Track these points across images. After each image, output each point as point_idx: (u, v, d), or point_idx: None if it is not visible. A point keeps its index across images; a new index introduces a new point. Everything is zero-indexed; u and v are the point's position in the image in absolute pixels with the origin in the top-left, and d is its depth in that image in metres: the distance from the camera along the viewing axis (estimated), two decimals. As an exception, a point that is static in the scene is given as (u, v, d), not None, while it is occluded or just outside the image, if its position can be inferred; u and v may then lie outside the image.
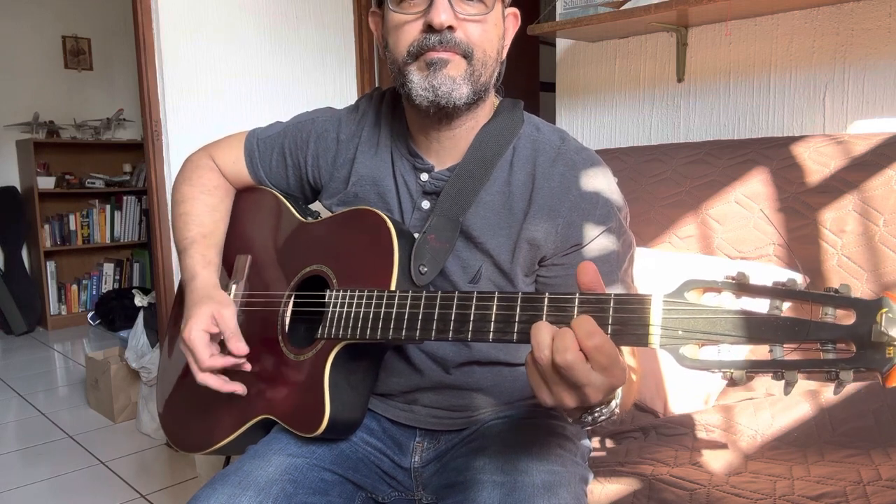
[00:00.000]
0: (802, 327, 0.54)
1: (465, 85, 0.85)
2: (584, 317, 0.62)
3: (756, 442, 1.16)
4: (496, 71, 0.91)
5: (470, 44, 0.85)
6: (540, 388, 0.65)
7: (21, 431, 2.61)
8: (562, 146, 0.92)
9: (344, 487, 0.91)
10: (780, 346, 0.55)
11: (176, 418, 1.09)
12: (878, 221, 1.27)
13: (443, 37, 0.83)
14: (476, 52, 0.85)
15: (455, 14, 0.83)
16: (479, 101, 0.90)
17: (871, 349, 0.52)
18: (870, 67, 1.51)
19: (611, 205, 0.90)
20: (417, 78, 0.85)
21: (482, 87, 0.88)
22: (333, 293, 0.87)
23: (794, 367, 0.55)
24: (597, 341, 0.60)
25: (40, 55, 4.30)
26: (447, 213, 0.90)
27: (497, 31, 0.89)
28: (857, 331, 0.53)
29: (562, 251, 0.90)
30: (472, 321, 0.72)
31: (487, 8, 0.85)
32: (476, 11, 0.85)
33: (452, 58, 0.85)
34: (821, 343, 0.54)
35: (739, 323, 0.57)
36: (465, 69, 0.85)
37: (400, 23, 0.86)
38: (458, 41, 0.84)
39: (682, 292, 0.59)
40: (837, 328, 0.53)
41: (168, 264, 2.29)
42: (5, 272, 4.14)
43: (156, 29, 2.18)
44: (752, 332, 0.56)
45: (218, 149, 1.12)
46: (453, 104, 0.86)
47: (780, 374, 0.56)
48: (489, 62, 0.87)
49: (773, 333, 0.55)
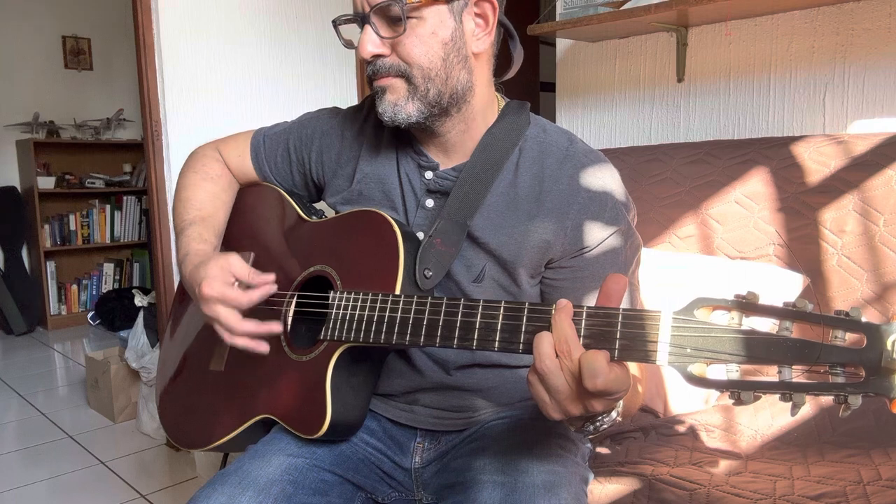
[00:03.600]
0: (812, 350, 0.54)
1: (411, 104, 0.86)
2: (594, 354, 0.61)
3: (756, 442, 1.16)
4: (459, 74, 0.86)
5: (403, 64, 0.84)
6: (543, 401, 0.65)
7: (21, 431, 2.61)
8: (570, 148, 0.92)
9: (344, 488, 0.91)
10: (790, 368, 0.55)
11: (175, 414, 1.09)
12: (879, 221, 1.27)
13: (374, 66, 0.86)
14: (413, 70, 0.84)
15: (381, 41, 0.83)
16: (454, 109, 0.88)
17: (880, 375, 0.52)
18: (870, 67, 1.51)
19: (619, 206, 0.90)
20: (377, 102, 0.89)
21: (437, 98, 0.86)
22: (337, 295, 0.87)
23: (803, 390, 0.55)
24: (599, 384, 0.60)
25: (40, 55, 4.30)
26: (454, 217, 0.89)
27: (437, 39, 0.83)
28: (867, 356, 0.52)
29: (570, 253, 0.90)
30: (477, 329, 0.72)
31: (402, 27, 0.81)
32: (400, 29, 0.82)
33: (389, 82, 0.86)
34: (830, 366, 0.54)
35: (749, 343, 0.56)
36: (406, 90, 0.85)
37: None
38: (389, 66, 0.85)
39: (692, 310, 0.59)
40: (847, 352, 0.53)
41: (168, 264, 2.29)
42: (5, 272, 4.14)
43: (156, 29, 2.18)
44: (762, 352, 0.56)
45: (225, 143, 1.13)
46: (404, 122, 0.87)
47: (788, 396, 0.55)
48: (433, 74, 0.84)
49: (782, 355, 0.55)
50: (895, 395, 0.52)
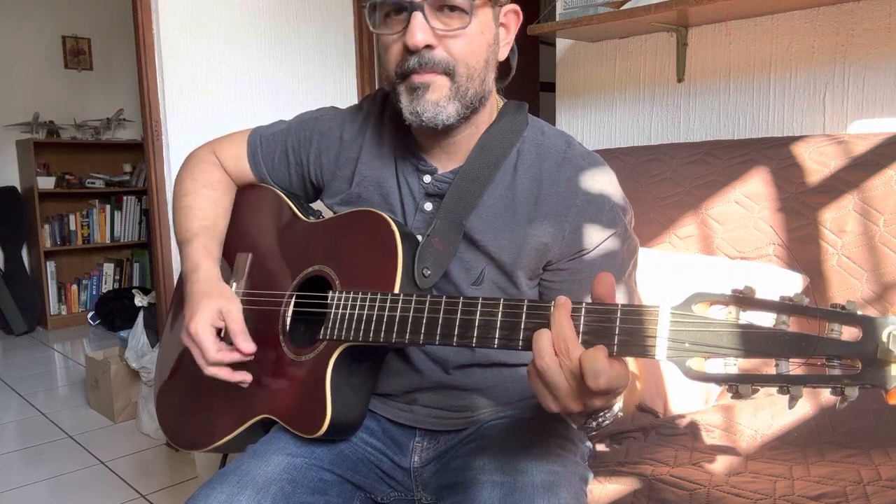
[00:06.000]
0: (809, 343, 0.55)
1: (451, 104, 0.84)
2: (594, 353, 0.61)
3: (756, 442, 1.15)
4: (490, 76, 0.88)
5: (452, 60, 0.82)
6: (543, 395, 0.65)
7: (21, 431, 2.61)
8: (567, 150, 0.92)
9: (343, 487, 0.91)
10: (787, 361, 0.56)
11: (174, 415, 1.09)
12: (879, 221, 1.27)
13: (421, 57, 0.81)
14: (459, 68, 0.83)
15: (433, 31, 0.81)
16: (475, 112, 0.88)
17: (876, 366, 0.53)
18: (870, 67, 1.51)
19: (617, 209, 0.90)
20: (405, 100, 0.85)
21: (472, 99, 0.86)
22: (336, 294, 0.87)
23: (800, 382, 0.55)
24: (602, 384, 0.60)
25: (40, 55, 4.30)
26: (451, 217, 0.90)
27: (484, 39, 0.85)
28: (863, 348, 0.53)
29: (568, 256, 0.90)
30: (476, 327, 0.72)
31: (468, 19, 0.82)
32: (457, 25, 0.82)
33: (434, 79, 0.82)
34: (826, 359, 0.54)
35: (746, 337, 0.57)
36: (449, 88, 0.83)
37: (386, 43, 0.85)
38: (437, 60, 0.82)
39: (690, 305, 0.59)
40: (843, 345, 0.54)
41: (168, 264, 2.29)
42: (5, 272, 4.14)
43: (156, 29, 2.18)
44: (759, 346, 0.56)
45: (221, 145, 1.12)
46: (441, 125, 0.85)
47: (785, 389, 0.56)
48: (475, 74, 0.85)
49: (779, 348, 0.56)
50: (891, 386, 0.52)
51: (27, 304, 4.13)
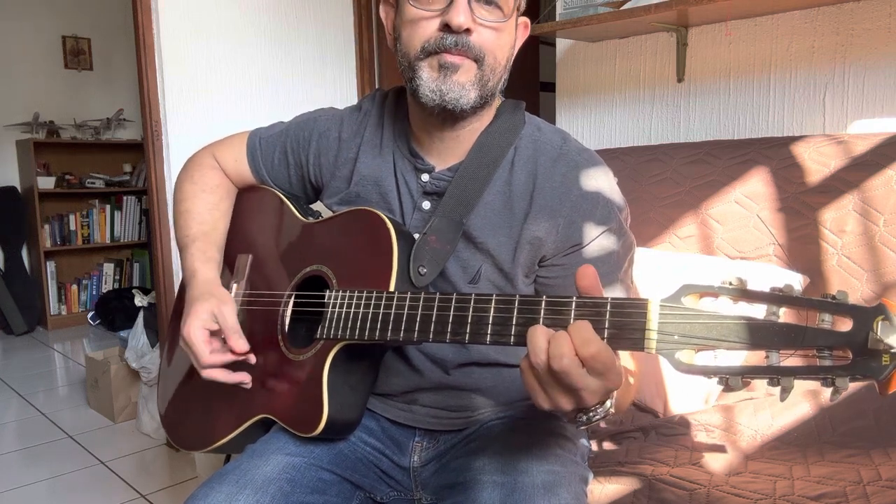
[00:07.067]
0: (799, 333, 0.54)
1: (474, 90, 0.85)
2: (581, 323, 0.62)
3: (756, 442, 1.15)
4: (504, 77, 0.91)
5: (483, 49, 0.84)
6: (535, 392, 0.65)
7: (21, 431, 2.61)
8: (563, 146, 0.92)
9: (342, 487, 0.91)
10: (777, 352, 0.55)
11: (176, 416, 1.09)
12: (879, 221, 1.27)
13: (459, 39, 0.83)
14: (487, 58, 0.85)
15: (473, 17, 0.83)
16: (485, 105, 0.90)
17: (867, 356, 0.52)
18: (870, 67, 1.51)
19: (612, 205, 0.90)
20: (427, 77, 0.85)
21: (489, 92, 0.88)
22: (333, 293, 0.87)
23: (790, 374, 0.55)
24: (593, 350, 0.60)
25: (40, 55, 4.30)
26: (450, 215, 0.90)
27: (510, 40, 0.89)
28: (854, 338, 0.52)
29: (562, 251, 0.90)
30: (469, 323, 0.72)
31: (505, 16, 0.85)
32: (494, 18, 0.84)
33: (464, 62, 0.84)
34: (817, 349, 0.54)
35: (736, 328, 0.56)
36: (476, 74, 0.85)
37: (416, 18, 0.85)
38: (472, 45, 0.84)
39: (679, 297, 0.59)
40: (834, 335, 0.53)
41: (168, 264, 2.29)
42: (5, 272, 4.14)
43: (156, 29, 2.18)
44: (749, 337, 0.56)
45: (220, 148, 1.12)
46: (460, 109, 0.86)
47: (776, 381, 0.55)
48: (498, 68, 0.87)
49: (769, 339, 0.55)
50: (881, 376, 0.52)
51: (27, 304, 4.13)
